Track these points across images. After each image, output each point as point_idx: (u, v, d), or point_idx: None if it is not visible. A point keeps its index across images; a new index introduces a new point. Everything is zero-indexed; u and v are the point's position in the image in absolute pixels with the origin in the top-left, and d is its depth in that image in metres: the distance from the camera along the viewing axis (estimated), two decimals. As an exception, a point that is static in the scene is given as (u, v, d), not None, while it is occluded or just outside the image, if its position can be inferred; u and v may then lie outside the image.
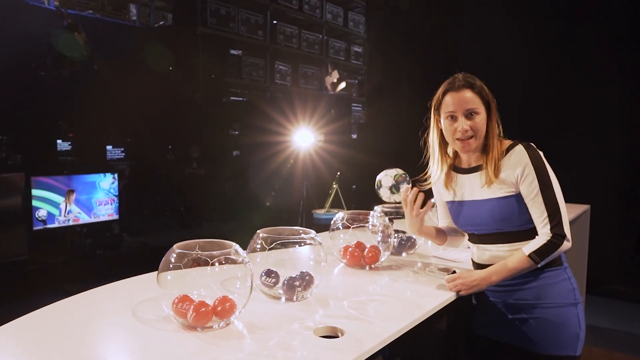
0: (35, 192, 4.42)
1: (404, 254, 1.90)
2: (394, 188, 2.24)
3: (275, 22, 7.73)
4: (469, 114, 1.47)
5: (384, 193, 2.27)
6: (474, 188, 1.54)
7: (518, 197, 1.46)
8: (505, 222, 1.48)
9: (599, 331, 3.40)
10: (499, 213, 1.48)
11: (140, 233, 5.80)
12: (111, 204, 5.06)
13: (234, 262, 1.23)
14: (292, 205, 6.05)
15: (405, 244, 1.90)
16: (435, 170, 1.62)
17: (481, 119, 1.48)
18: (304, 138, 5.39)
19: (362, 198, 5.83)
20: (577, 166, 4.03)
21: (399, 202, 2.26)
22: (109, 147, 5.78)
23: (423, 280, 1.57)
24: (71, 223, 4.80)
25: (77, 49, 4.64)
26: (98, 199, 4.98)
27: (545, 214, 1.42)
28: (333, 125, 6.51)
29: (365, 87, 8.88)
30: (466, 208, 1.56)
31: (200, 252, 1.18)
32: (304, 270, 1.39)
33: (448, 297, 1.39)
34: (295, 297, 1.33)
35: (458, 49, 4.64)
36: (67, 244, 4.94)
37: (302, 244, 1.38)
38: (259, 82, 7.65)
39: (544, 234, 1.43)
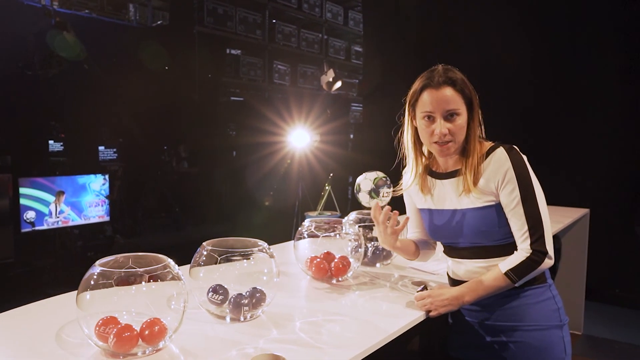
0: (24, 190, 4.34)
1: (378, 265, 1.76)
2: (374, 192, 2.09)
3: (274, 21, 7.63)
4: (449, 115, 1.30)
5: (363, 198, 2.13)
6: (451, 195, 1.37)
7: (498, 207, 1.31)
8: (483, 236, 1.33)
9: (598, 342, 3.24)
10: (477, 225, 1.32)
11: (133, 235, 5.71)
12: (102, 206, 4.97)
13: (175, 278, 1.10)
14: (287, 206, 5.95)
15: (380, 254, 1.76)
16: (409, 173, 1.47)
17: (462, 120, 1.31)
18: (299, 138, 5.27)
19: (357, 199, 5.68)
20: (576, 169, 3.89)
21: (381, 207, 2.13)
22: (101, 148, 5.69)
23: (392, 297, 1.44)
24: (61, 225, 4.71)
25: (66, 48, 4.54)
26: (88, 201, 4.88)
27: (526, 227, 1.27)
28: (330, 125, 6.40)
29: (362, 86, 8.75)
30: (441, 217, 1.41)
31: (126, 269, 1.06)
32: (256, 287, 1.26)
33: (414, 318, 1.26)
34: (242, 317, 1.20)
35: (459, 47, 4.49)
36: (57, 246, 4.85)
37: (250, 258, 1.25)
38: (257, 81, 7.55)
39: (523, 250, 1.28)
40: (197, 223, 6.47)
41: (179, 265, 1.11)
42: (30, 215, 4.46)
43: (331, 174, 4.69)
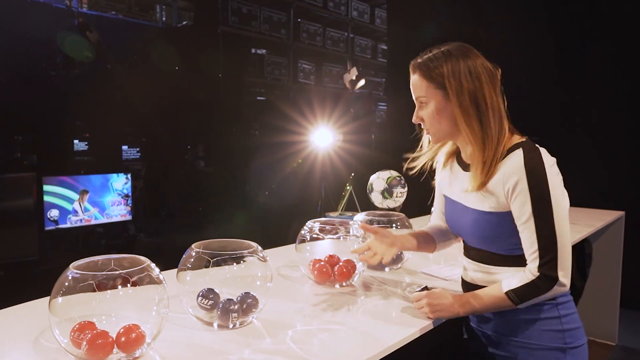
0: (48, 188, 4.40)
1: (387, 269, 1.66)
2: (387, 192, 2.00)
3: (299, 20, 7.59)
4: (420, 103, 1.22)
5: (376, 198, 2.04)
6: (460, 188, 1.25)
7: (507, 216, 1.14)
8: (488, 241, 1.20)
9: (633, 353, 3.04)
10: (480, 229, 1.19)
11: (156, 234, 5.74)
12: (124, 205, 5.00)
13: (155, 281, 1.03)
14: (311, 206, 5.89)
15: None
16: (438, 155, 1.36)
17: (431, 108, 1.18)
18: (322, 138, 5.20)
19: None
20: (611, 169, 3.68)
21: (392, 209, 2.02)
22: (124, 147, 5.74)
23: (396, 304, 1.33)
24: (84, 223, 4.76)
25: (88, 48, 4.58)
26: (110, 200, 4.93)
27: (536, 246, 1.10)
28: (354, 124, 6.31)
29: (384, 85, 8.64)
30: (454, 208, 1.29)
31: (107, 272, 0.99)
32: (249, 292, 1.18)
33: (416, 329, 1.15)
34: (230, 324, 1.12)
35: (480, 45, 4.33)
36: (80, 244, 4.91)
37: (241, 261, 1.17)
38: (281, 81, 7.53)
39: (529, 271, 1.12)
40: (221, 223, 6.46)
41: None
42: (54, 213, 4.52)
43: (352, 174, 4.60)
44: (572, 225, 2.46)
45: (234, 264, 1.16)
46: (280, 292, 1.40)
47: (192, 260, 1.16)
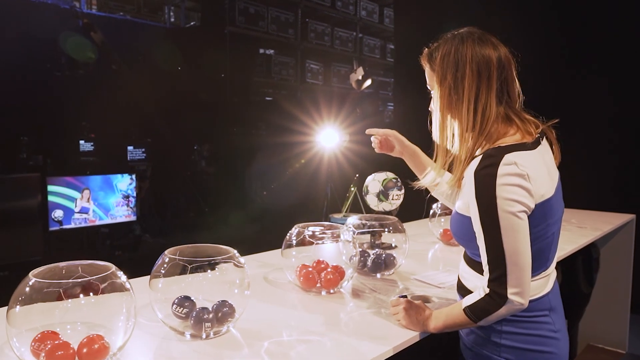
0: (52, 188, 4.40)
1: (378, 275, 1.59)
2: (382, 195, 1.94)
3: (306, 19, 7.55)
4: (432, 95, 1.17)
5: (371, 200, 1.98)
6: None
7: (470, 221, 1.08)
8: (462, 242, 1.15)
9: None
10: (455, 229, 1.15)
11: (162, 234, 5.73)
12: (129, 205, 4.99)
13: (122, 289, 0.98)
14: (317, 207, 5.84)
15: (381, 263, 1.59)
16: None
17: (435, 97, 1.14)
18: (329, 138, 5.15)
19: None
20: (621, 171, 3.56)
21: (388, 212, 1.96)
22: (129, 148, 5.73)
23: (385, 314, 1.27)
24: (88, 224, 4.75)
25: (90, 49, 4.57)
26: (115, 200, 4.92)
27: (486, 260, 1.02)
28: (361, 124, 6.25)
29: (392, 85, 8.57)
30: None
31: (73, 280, 0.94)
32: (226, 300, 1.13)
33: (402, 341, 1.08)
34: (203, 334, 1.07)
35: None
36: (85, 245, 4.90)
37: (214, 268, 1.11)
38: (289, 81, 7.49)
39: (482, 286, 1.05)
40: (227, 223, 6.44)
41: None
42: (58, 214, 4.52)
43: (357, 175, 4.53)
44: (579, 229, 2.39)
45: (209, 270, 1.10)
46: (264, 299, 1.35)
47: (165, 266, 1.10)
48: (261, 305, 1.29)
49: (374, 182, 1.94)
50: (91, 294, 0.92)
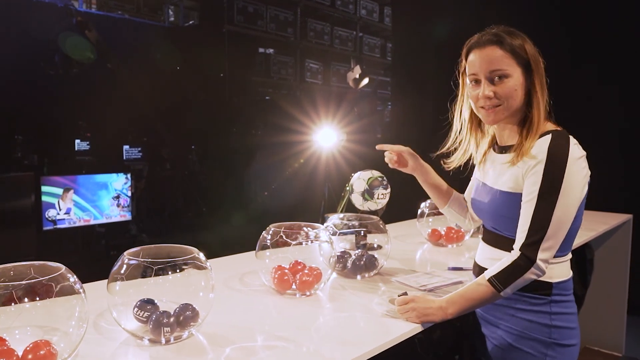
0: (46, 188, 4.37)
1: (358, 277, 1.54)
2: (367, 194, 1.88)
3: (306, 18, 7.51)
4: (496, 77, 1.16)
5: (356, 200, 1.92)
6: (495, 171, 1.26)
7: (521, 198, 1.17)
8: (502, 222, 1.21)
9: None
10: (498, 207, 1.21)
11: (159, 234, 5.70)
12: (120, 205, 4.96)
13: (73, 292, 0.93)
14: (314, 206, 5.80)
15: (362, 264, 1.54)
16: (461, 152, 1.35)
17: (512, 83, 1.15)
18: (326, 137, 5.11)
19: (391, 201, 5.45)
20: (618, 171, 3.50)
21: (374, 211, 1.91)
22: (125, 147, 5.70)
23: (361, 317, 1.22)
24: (82, 223, 4.72)
25: (89, 49, 4.54)
26: (109, 199, 4.89)
27: (528, 225, 1.10)
28: (358, 124, 6.21)
29: (389, 84, 8.53)
30: (481, 191, 1.31)
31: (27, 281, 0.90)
32: (189, 303, 1.08)
33: (374, 347, 1.03)
34: (162, 339, 1.02)
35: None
36: (80, 245, 4.87)
37: (178, 270, 1.06)
38: (288, 80, 7.45)
39: (513, 251, 1.13)
40: (224, 223, 6.40)
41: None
42: (51, 213, 4.49)
43: (352, 174, 4.49)
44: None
45: (170, 272, 1.06)
46: (235, 302, 1.30)
47: (125, 268, 1.06)
48: (231, 308, 1.24)
49: (359, 180, 1.89)
50: (37, 298, 0.87)
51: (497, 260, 1.19)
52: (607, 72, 3.61)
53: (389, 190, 1.91)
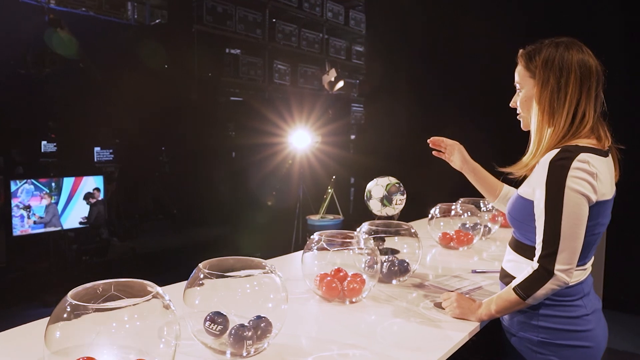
0: (15, 190, 4.20)
1: (394, 282, 1.60)
2: (386, 200, 1.94)
3: (274, 20, 7.50)
4: (517, 89, 1.30)
5: (374, 205, 1.97)
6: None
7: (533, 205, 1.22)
8: (519, 226, 1.26)
9: (621, 356, 3.08)
10: (514, 212, 1.27)
11: (130, 238, 5.56)
12: (95, 207, 4.82)
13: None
14: (289, 208, 5.82)
15: (396, 269, 1.59)
16: None
17: (523, 95, 1.26)
18: (300, 139, 5.14)
19: (360, 203, 5.53)
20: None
21: (391, 217, 1.97)
22: (97, 149, 5.53)
23: (415, 323, 1.27)
24: (53, 228, 4.56)
25: (60, 45, 4.38)
26: (81, 203, 4.75)
27: (542, 238, 1.15)
28: (331, 126, 6.28)
29: (363, 87, 8.66)
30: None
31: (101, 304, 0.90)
32: (260, 315, 1.10)
33: (449, 348, 1.09)
34: (245, 352, 1.04)
35: (461, 48, 4.33)
36: (51, 250, 4.70)
37: (254, 281, 1.08)
38: (256, 81, 7.42)
39: (533, 262, 1.18)
40: (196, 225, 6.32)
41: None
42: (19, 219, 4.32)
43: (333, 177, 4.54)
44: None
45: (247, 284, 1.07)
46: (290, 311, 1.32)
47: (200, 281, 1.07)
48: (288, 318, 1.27)
49: (377, 187, 1.94)
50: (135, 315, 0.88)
51: (513, 263, 1.28)
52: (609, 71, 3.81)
53: (405, 195, 1.98)
